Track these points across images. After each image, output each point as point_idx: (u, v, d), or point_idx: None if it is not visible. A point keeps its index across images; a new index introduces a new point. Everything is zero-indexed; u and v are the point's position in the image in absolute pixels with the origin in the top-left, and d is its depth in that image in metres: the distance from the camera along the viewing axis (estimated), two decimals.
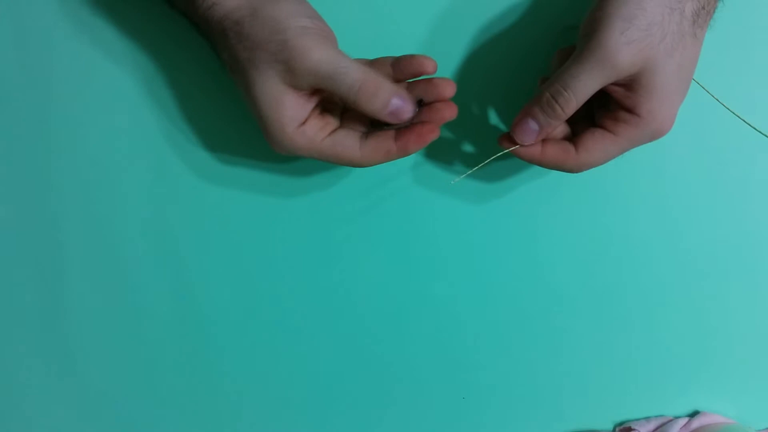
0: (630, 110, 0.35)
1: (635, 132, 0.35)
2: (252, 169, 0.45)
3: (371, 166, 0.38)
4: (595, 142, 0.36)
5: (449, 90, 0.37)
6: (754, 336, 0.48)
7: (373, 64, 0.39)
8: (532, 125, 0.37)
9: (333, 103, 0.39)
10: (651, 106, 0.34)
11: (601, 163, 0.37)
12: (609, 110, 0.37)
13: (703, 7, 0.34)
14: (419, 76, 0.38)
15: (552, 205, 0.46)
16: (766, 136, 0.39)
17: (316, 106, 0.37)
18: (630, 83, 0.34)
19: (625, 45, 0.33)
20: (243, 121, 0.43)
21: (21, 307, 0.46)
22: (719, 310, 0.47)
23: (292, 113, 0.35)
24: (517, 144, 0.37)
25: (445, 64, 0.43)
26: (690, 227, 0.46)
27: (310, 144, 0.36)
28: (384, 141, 0.37)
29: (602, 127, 0.37)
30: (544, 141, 0.38)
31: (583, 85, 0.34)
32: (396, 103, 0.35)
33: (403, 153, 0.37)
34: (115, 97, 0.43)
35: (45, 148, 0.44)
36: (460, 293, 0.47)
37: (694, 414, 0.48)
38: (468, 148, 0.45)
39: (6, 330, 0.47)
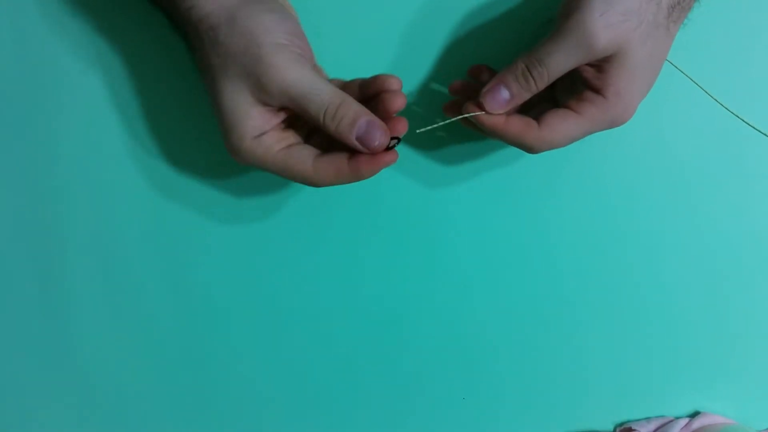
0: (597, 91, 0.36)
1: (598, 113, 0.36)
2: (250, 169, 0.45)
3: (324, 185, 0.36)
4: (559, 120, 0.37)
5: (399, 102, 0.37)
6: (755, 336, 0.48)
7: (344, 86, 0.39)
8: (504, 94, 0.36)
9: (300, 122, 0.38)
10: (617, 88, 0.35)
11: (562, 144, 0.37)
12: (575, 92, 0.37)
13: (679, 3, 0.35)
14: (384, 94, 0.37)
15: (551, 205, 0.46)
16: (762, 133, 0.39)
17: (281, 121, 0.36)
18: (601, 65, 0.35)
19: (604, 28, 0.33)
20: None
21: (21, 310, 0.47)
22: (720, 310, 0.47)
23: (255, 124, 0.35)
24: (484, 111, 0.37)
25: (425, 57, 0.43)
26: (690, 227, 0.46)
27: (265, 154, 0.35)
28: (337, 159, 0.35)
29: (566, 107, 0.37)
30: (508, 113, 0.38)
31: (557, 63, 0.35)
32: (363, 127, 0.34)
33: (355, 175, 0.35)
34: (117, 97, 0.43)
35: (43, 151, 0.44)
36: (460, 294, 0.47)
37: (694, 414, 0.48)
38: (453, 139, 0.45)
39: (8, 332, 0.47)
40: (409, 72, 0.43)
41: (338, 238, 0.46)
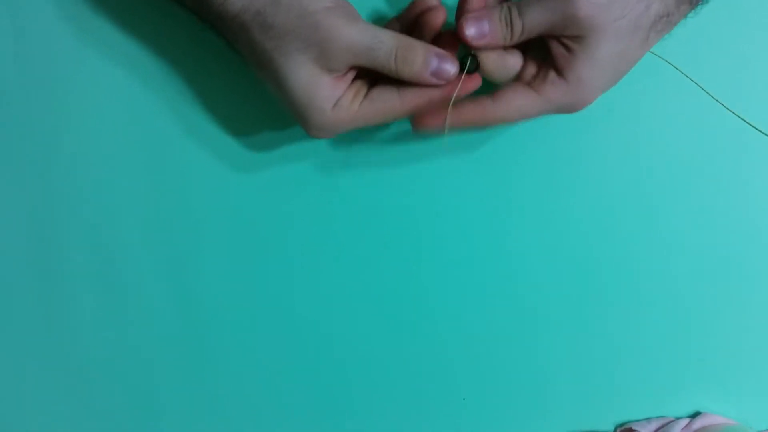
0: (560, 71, 0.36)
1: (556, 96, 0.36)
2: (251, 169, 0.45)
3: (414, 113, 0.37)
4: (515, 95, 0.36)
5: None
6: (755, 336, 0.48)
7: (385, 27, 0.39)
8: (485, 25, 0.35)
9: (362, 69, 0.37)
10: (580, 74, 0.35)
11: (515, 120, 0.37)
12: (538, 73, 0.37)
13: (667, 15, 0.35)
14: (425, 14, 0.37)
15: (550, 204, 0.46)
16: (759, 130, 0.40)
17: (350, 82, 0.37)
18: (571, 42, 0.35)
19: (587, 2, 0.33)
20: (241, 120, 0.44)
21: (21, 307, 0.46)
22: (720, 310, 0.47)
23: (328, 94, 0.35)
24: (461, 35, 0.36)
25: None
26: (690, 226, 0.46)
27: (351, 115, 0.36)
28: (425, 89, 0.36)
29: (526, 84, 0.37)
30: (455, 105, 0.37)
31: (534, 19, 0.35)
32: (435, 62, 0.35)
33: (446, 99, 0.36)
34: (116, 96, 0.44)
35: (45, 149, 0.44)
36: (461, 293, 0.47)
37: (695, 415, 0.48)
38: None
39: (7, 330, 0.47)
40: None
41: (338, 238, 0.46)
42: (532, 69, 0.38)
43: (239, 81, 0.43)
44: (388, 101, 0.36)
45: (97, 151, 0.45)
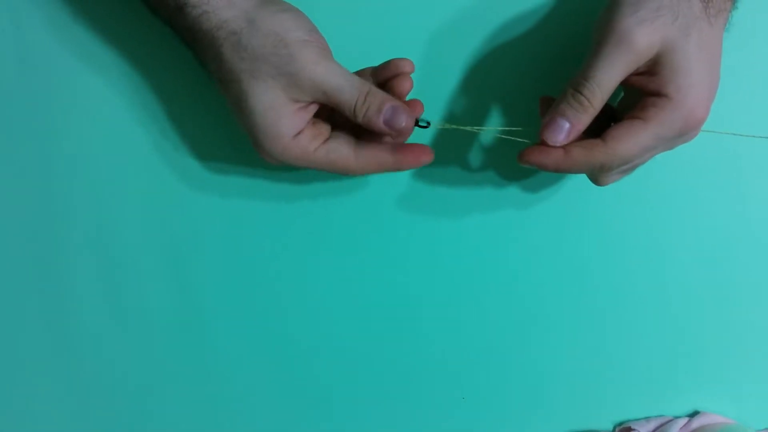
0: (657, 93, 0.34)
1: (665, 114, 0.34)
2: (246, 175, 0.45)
3: (364, 174, 0.38)
4: (624, 130, 0.35)
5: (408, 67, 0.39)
6: (754, 336, 0.48)
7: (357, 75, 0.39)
8: (562, 122, 0.35)
9: (324, 111, 0.39)
10: (677, 84, 0.34)
11: (635, 157, 0.35)
12: (635, 105, 0.36)
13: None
14: (397, 76, 0.38)
15: (551, 206, 0.46)
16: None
17: (312, 117, 0.37)
18: (651, 68, 0.34)
19: (638, 25, 0.33)
20: (233, 127, 0.43)
21: (21, 313, 0.47)
22: (719, 310, 0.47)
23: (289, 123, 0.36)
24: (545, 144, 0.36)
25: (446, 72, 0.44)
26: (689, 227, 0.46)
27: (305, 154, 0.37)
28: (381, 152, 0.37)
29: (629, 117, 0.35)
30: (565, 147, 0.36)
31: (604, 73, 0.34)
32: (389, 112, 0.36)
33: (397, 168, 0.38)
34: (104, 105, 0.44)
35: (41, 159, 0.45)
36: (460, 293, 0.47)
37: (693, 414, 0.48)
38: (474, 155, 0.45)
39: (7, 333, 0.47)
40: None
41: (339, 237, 0.46)
42: (628, 108, 0.36)
43: None
44: (342, 157, 0.37)
45: (96, 152, 0.45)
